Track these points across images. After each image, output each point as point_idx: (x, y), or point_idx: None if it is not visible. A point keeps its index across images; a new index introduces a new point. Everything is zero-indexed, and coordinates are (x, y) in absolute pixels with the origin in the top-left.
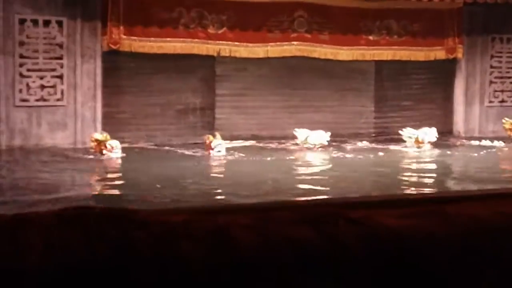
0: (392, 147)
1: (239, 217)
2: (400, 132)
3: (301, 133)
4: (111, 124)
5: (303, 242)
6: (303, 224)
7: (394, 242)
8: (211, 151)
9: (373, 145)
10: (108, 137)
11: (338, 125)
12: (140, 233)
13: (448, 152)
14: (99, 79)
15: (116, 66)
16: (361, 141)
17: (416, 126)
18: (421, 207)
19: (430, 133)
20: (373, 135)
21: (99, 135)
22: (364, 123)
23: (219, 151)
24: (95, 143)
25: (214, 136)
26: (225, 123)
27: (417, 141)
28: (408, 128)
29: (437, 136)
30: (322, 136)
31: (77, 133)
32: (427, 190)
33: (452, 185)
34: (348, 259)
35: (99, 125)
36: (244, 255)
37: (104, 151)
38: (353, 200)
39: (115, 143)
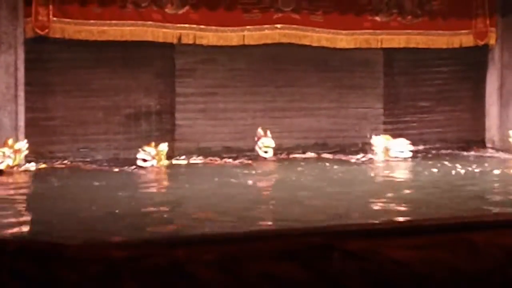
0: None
1: (202, 250)
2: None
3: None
4: (37, 134)
5: (285, 282)
6: (285, 259)
7: (404, 280)
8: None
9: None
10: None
11: (335, 132)
12: (68, 273)
13: (476, 169)
14: (20, 74)
15: (44, 57)
16: (365, 152)
17: (437, 133)
18: (439, 235)
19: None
20: None
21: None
22: (370, 130)
23: (265, 152)
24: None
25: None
26: (188, 131)
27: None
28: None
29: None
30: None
31: None
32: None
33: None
34: None
35: (21, 135)
36: None
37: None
38: (350, 228)
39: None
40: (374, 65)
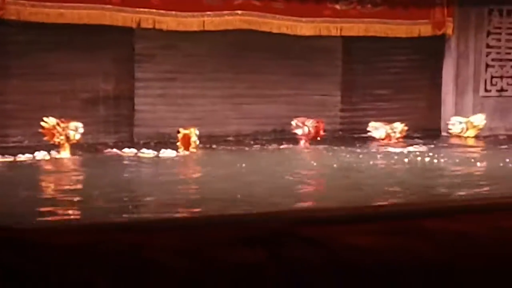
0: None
1: (160, 236)
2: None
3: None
4: None
5: (244, 268)
6: (244, 245)
7: (362, 265)
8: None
9: (335, 147)
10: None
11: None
12: (25, 259)
13: (433, 155)
14: None
15: (0, 40)
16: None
17: (394, 121)
18: (394, 222)
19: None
20: (340, 132)
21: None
22: (328, 117)
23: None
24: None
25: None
26: (147, 117)
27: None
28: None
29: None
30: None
31: None
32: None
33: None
34: None
35: None
36: (166, 286)
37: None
38: (309, 214)
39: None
40: (333, 53)
